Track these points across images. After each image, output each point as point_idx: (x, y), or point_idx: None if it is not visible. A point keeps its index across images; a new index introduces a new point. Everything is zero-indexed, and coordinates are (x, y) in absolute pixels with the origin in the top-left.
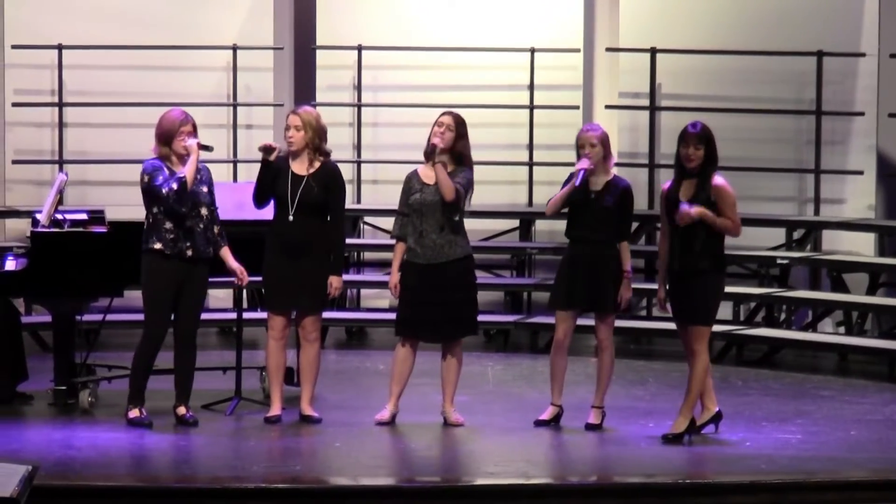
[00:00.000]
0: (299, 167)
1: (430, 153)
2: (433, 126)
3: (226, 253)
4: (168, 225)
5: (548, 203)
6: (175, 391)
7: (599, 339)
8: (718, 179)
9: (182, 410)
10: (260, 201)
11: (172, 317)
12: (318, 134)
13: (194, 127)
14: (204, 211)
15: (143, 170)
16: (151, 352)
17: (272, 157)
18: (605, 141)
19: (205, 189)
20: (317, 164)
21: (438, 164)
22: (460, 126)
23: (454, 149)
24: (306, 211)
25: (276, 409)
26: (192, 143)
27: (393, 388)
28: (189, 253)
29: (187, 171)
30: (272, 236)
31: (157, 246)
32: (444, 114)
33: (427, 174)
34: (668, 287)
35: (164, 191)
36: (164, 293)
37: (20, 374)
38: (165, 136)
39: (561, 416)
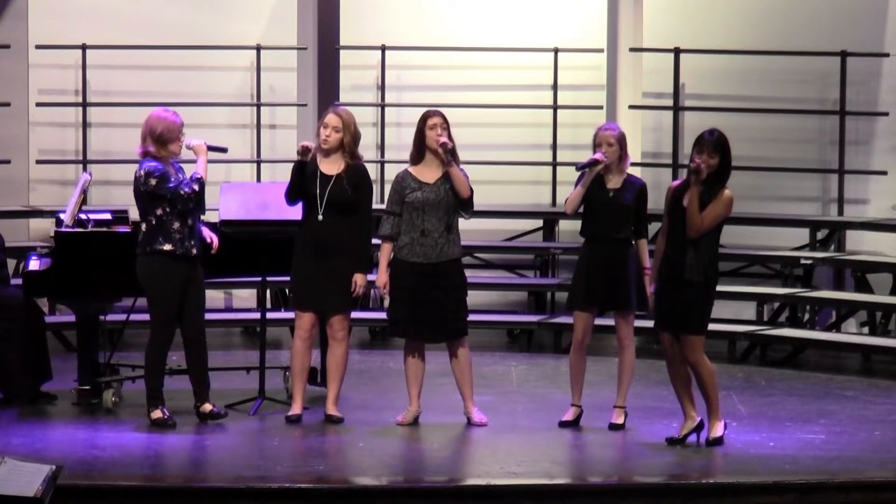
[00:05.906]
0: (329, 167)
1: (447, 153)
2: (421, 128)
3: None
4: (176, 225)
5: (565, 202)
6: (193, 391)
7: (620, 338)
8: (728, 191)
9: (208, 407)
10: (292, 200)
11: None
12: (354, 137)
13: None
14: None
15: (149, 172)
16: (163, 352)
17: (307, 158)
18: (622, 141)
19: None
20: (345, 164)
21: (454, 166)
22: (446, 122)
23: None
24: (335, 210)
25: (297, 409)
26: (198, 142)
27: (410, 390)
28: (194, 251)
29: (202, 170)
30: (302, 236)
31: (167, 247)
32: (432, 114)
33: (422, 173)
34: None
35: (183, 191)
36: (172, 293)
37: (44, 374)
38: (164, 138)
39: (581, 415)
